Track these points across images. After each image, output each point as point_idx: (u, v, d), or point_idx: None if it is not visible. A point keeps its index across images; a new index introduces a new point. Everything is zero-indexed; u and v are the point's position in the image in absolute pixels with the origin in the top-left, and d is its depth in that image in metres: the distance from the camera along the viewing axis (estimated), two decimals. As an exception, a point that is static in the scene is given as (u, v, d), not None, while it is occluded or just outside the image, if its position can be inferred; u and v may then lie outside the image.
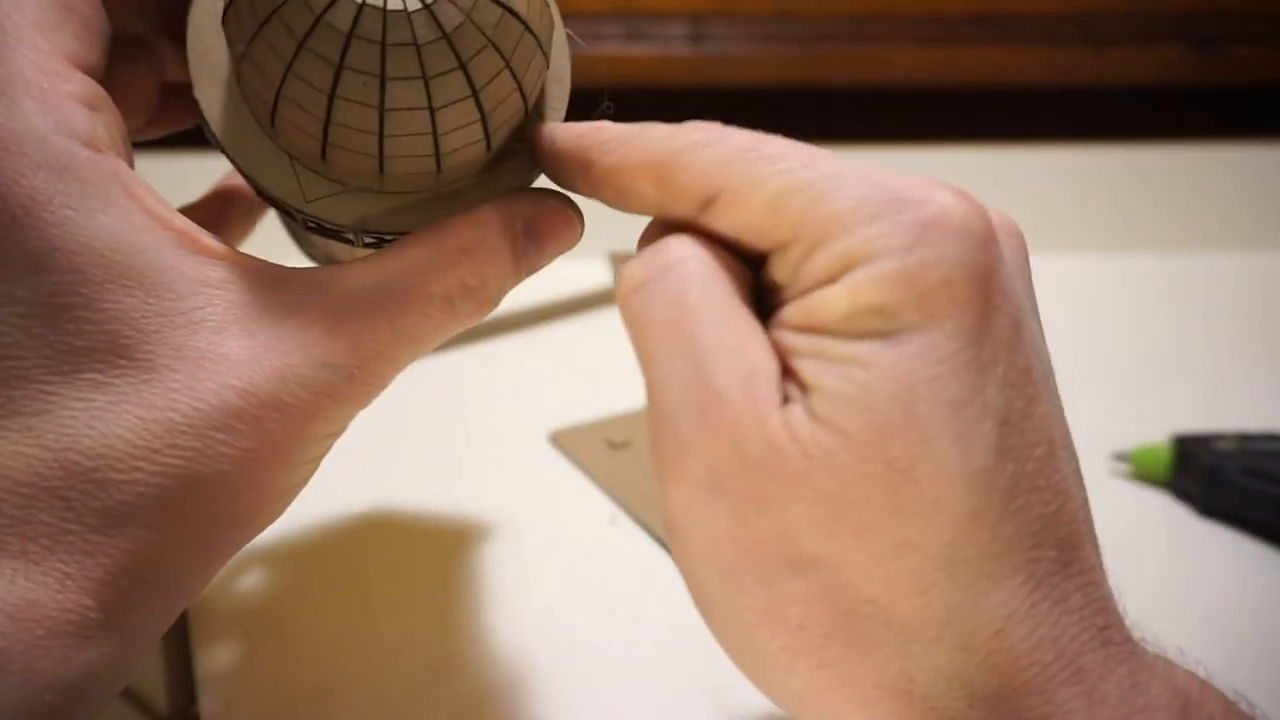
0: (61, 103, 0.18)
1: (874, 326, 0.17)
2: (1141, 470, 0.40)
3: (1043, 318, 0.24)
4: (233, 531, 0.20)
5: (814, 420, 0.17)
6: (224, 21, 0.20)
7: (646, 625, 0.32)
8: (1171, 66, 0.71)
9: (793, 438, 0.17)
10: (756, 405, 0.18)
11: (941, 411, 0.17)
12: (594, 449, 0.40)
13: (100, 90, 0.20)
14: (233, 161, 0.21)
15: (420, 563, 0.35)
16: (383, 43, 0.18)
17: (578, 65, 0.27)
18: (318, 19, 0.18)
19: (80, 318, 0.18)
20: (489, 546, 0.35)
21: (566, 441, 0.41)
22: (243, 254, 0.20)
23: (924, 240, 0.17)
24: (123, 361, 0.18)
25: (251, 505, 0.19)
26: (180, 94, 0.23)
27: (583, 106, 0.25)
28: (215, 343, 0.18)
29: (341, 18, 0.18)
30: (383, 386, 0.20)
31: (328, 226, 0.21)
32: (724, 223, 0.19)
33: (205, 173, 0.28)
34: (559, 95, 0.23)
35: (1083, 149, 0.67)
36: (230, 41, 0.20)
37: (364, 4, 0.18)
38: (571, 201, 0.23)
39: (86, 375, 0.18)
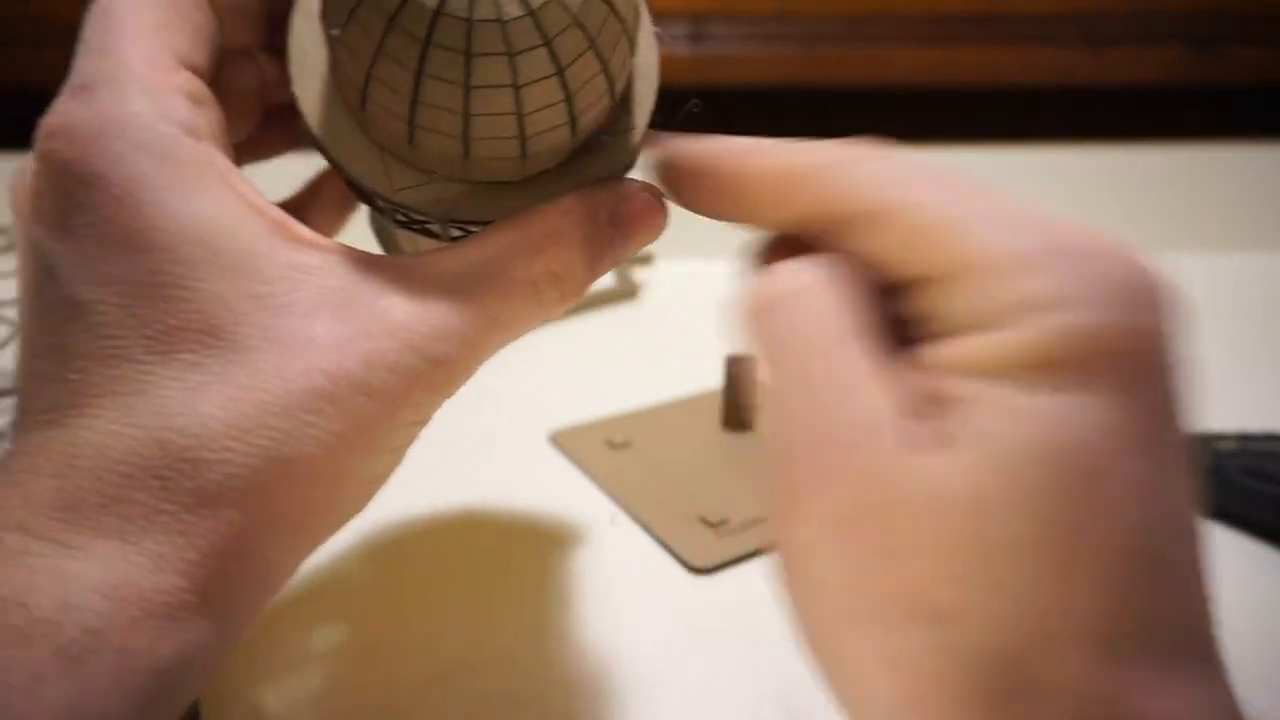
0: (166, 93, 0.19)
1: (1051, 380, 0.16)
2: (1141, 470, 0.40)
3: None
4: (319, 518, 0.19)
5: (968, 471, 0.16)
6: (321, 14, 0.21)
7: (647, 625, 0.32)
8: (1171, 66, 0.71)
9: (939, 486, 0.16)
10: (890, 449, 0.17)
11: (1127, 490, 0.16)
12: (594, 449, 0.40)
13: (204, 87, 0.20)
14: (326, 154, 0.22)
15: (420, 563, 0.35)
16: (469, 18, 0.18)
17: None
18: None
19: (176, 298, 0.18)
20: (489, 547, 0.35)
21: (566, 441, 0.41)
22: (333, 241, 0.20)
23: (1119, 301, 0.17)
24: (216, 342, 0.18)
25: (338, 492, 0.19)
26: (281, 116, 0.23)
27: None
28: (304, 326, 0.18)
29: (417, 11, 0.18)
30: (470, 373, 0.20)
31: (415, 217, 0.21)
32: (869, 245, 0.18)
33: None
34: (646, 92, 0.23)
35: (1083, 149, 0.67)
36: (326, 28, 0.20)
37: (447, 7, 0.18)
38: (657, 190, 0.23)
39: (181, 355, 0.18)
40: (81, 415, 0.18)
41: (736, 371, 0.41)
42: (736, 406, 0.41)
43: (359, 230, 0.28)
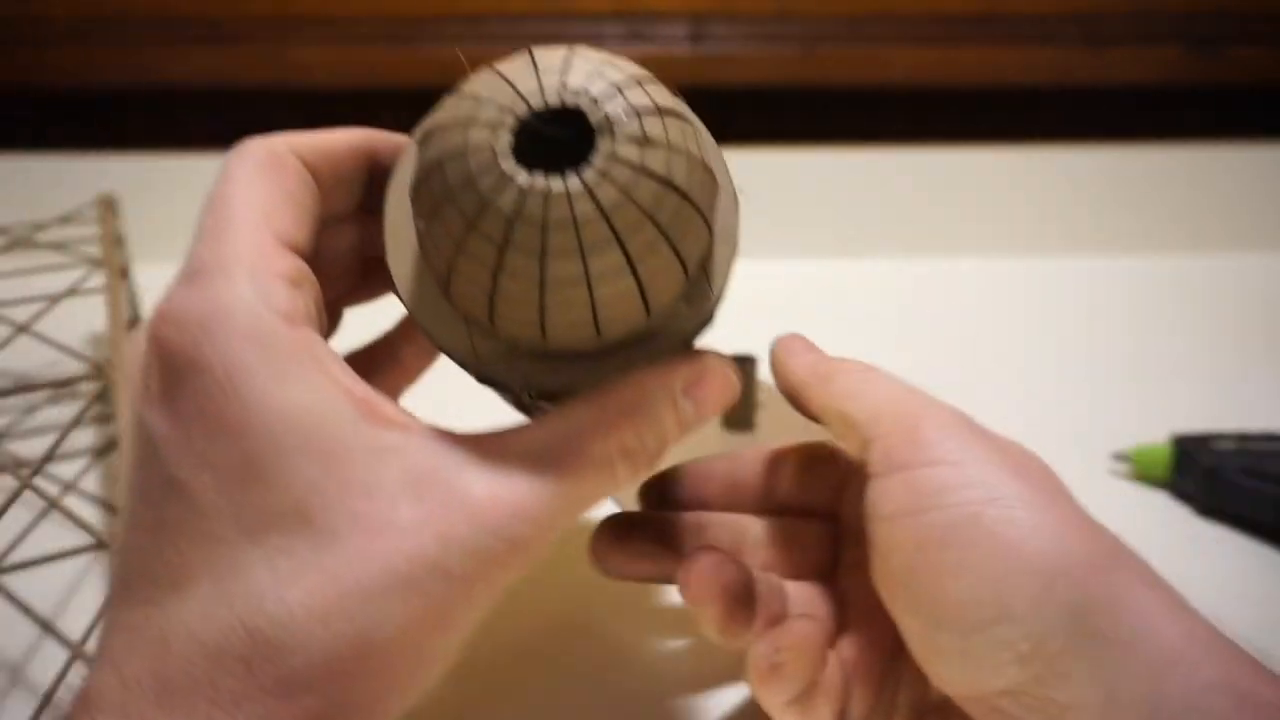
0: (270, 281, 0.20)
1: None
2: (1141, 470, 0.40)
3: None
4: (390, 698, 0.20)
5: None
6: (411, 199, 0.22)
7: (647, 626, 0.32)
8: (1171, 66, 0.71)
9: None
10: None
11: None
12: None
13: (305, 268, 0.22)
14: (418, 323, 0.23)
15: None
16: (544, 222, 0.19)
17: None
18: (485, 203, 0.19)
19: (269, 483, 0.19)
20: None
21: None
22: (415, 419, 0.21)
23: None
24: (304, 527, 0.19)
25: (411, 671, 0.20)
26: (379, 266, 0.25)
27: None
28: (387, 509, 0.19)
29: (507, 201, 0.19)
30: (543, 552, 0.21)
31: (499, 383, 0.22)
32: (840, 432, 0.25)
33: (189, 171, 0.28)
34: (725, 254, 0.23)
35: (1083, 149, 0.67)
36: (415, 217, 0.22)
37: (528, 187, 0.19)
38: (729, 360, 0.24)
39: (272, 539, 0.19)
40: (178, 596, 0.18)
41: (738, 372, 0.41)
42: (737, 407, 0.41)
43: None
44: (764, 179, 0.67)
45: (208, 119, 0.75)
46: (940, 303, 0.55)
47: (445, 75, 0.23)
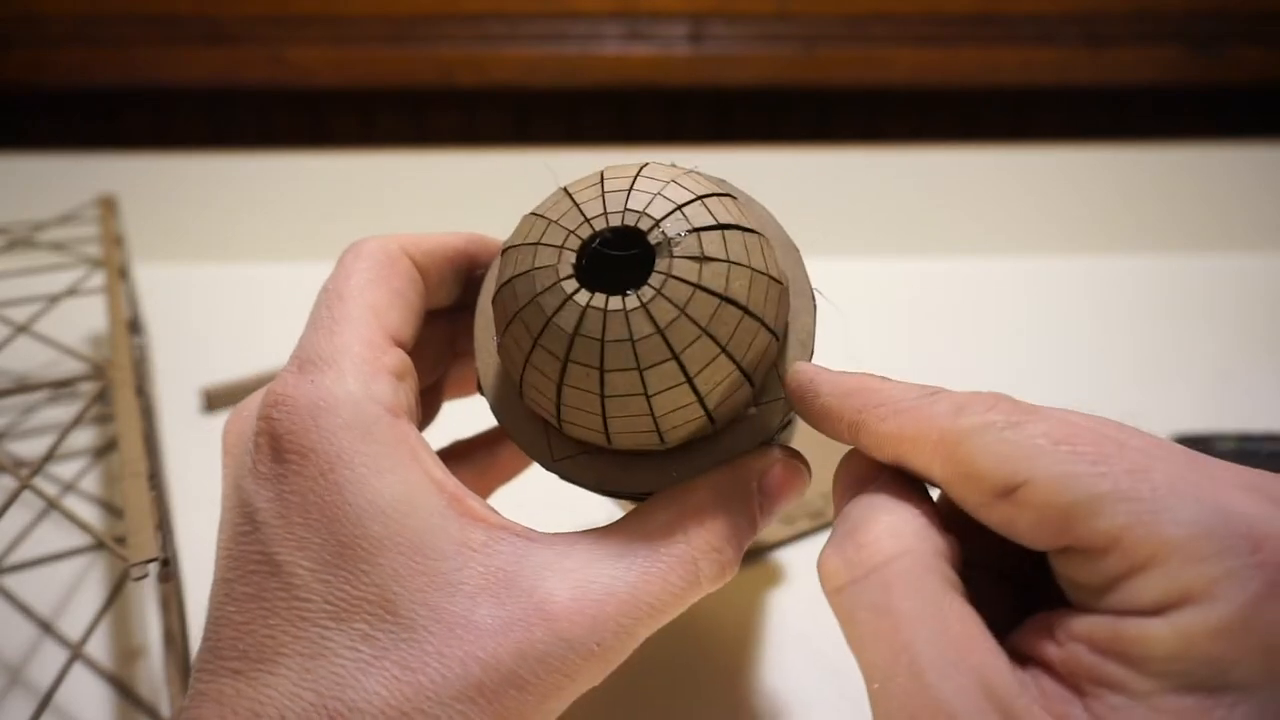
0: (377, 375, 0.22)
1: (1202, 678, 0.15)
2: (1142, 470, 0.40)
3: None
4: None
5: None
6: (492, 310, 0.24)
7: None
8: (1171, 66, 0.71)
9: None
10: None
11: None
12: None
13: (408, 361, 0.23)
14: (500, 422, 0.24)
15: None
16: (601, 339, 0.20)
17: (578, 63, 0.28)
18: (548, 320, 0.21)
19: (360, 570, 0.19)
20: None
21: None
22: (501, 517, 0.21)
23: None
24: (388, 616, 0.19)
25: None
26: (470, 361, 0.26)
27: (582, 105, 0.26)
28: (468, 609, 0.19)
29: (567, 319, 0.21)
30: (618, 662, 0.21)
31: (577, 482, 0.23)
32: (1016, 516, 0.17)
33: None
34: (798, 356, 0.24)
35: (1083, 149, 0.67)
36: (494, 326, 0.23)
37: (587, 306, 0.20)
38: (799, 454, 0.24)
39: (358, 625, 0.19)
40: (268, 671, 0.19)
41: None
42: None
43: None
44: (764, 179, 0.67)
45: (207, 119, 0.75)
46: (940, 302, 0.55)
47: (445, 75, 0.24)
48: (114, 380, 0.33)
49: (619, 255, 0.21)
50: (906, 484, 0.20)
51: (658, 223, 0.21)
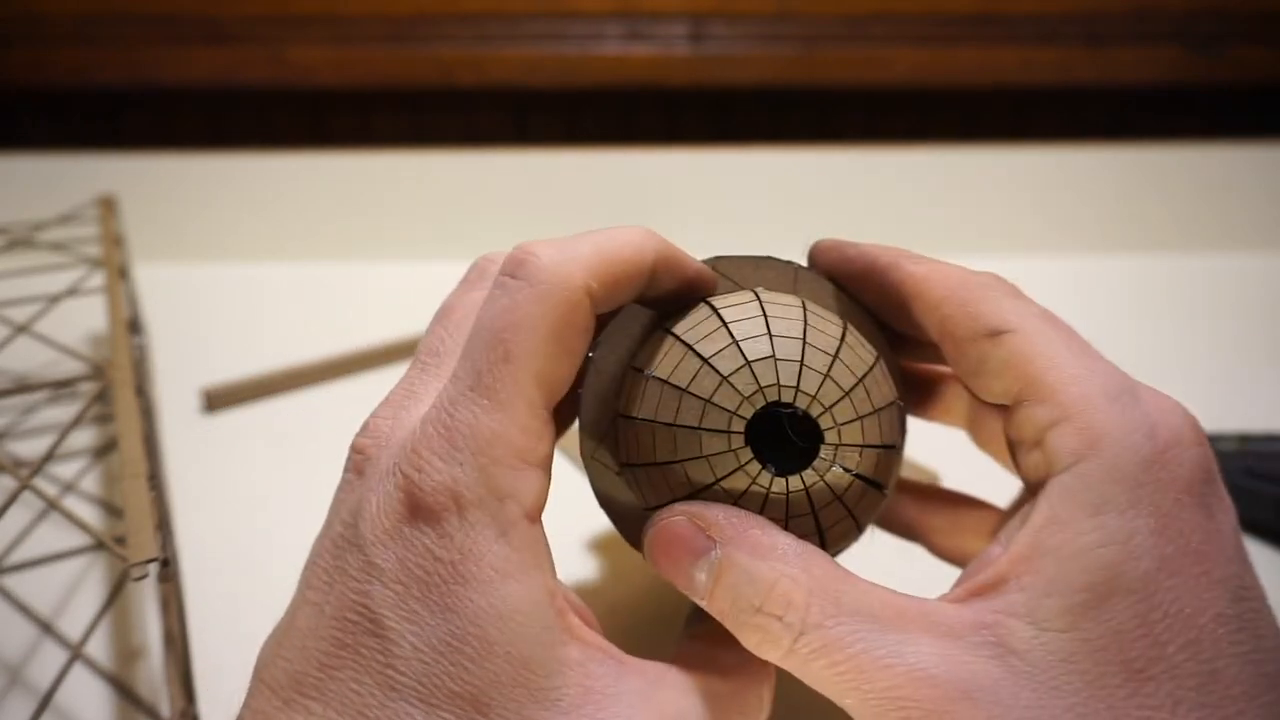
0: (527, 470, 0.20)
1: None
2: (1142, 470, 0.40)
3: (993, 282, 0.25)
4: None
5: (1035, 624, 0.19)
6: (628, 422, 0.23)
7: (647, 626, 0.32)
8: (1171, 66, 0.71)
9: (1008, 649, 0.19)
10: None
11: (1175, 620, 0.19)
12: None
13: (551, 450, 0.21)
14: (597, 497, 0.25)
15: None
16: (763, 501, 0.21)
17: (578, 63, 0.28)
18: (714, 483, 0.21)
19: (463, 666, 0.19)
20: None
21: (567, 441, 0.41)
22: (597, 636, 0.21)
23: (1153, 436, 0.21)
24: (479, 718, 0.19)
25: None
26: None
27: (581, 105, 0.26)
28: None
29: (733, 485, 0.21)
30: None
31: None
32: (991, 354, 0.22)
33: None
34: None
35: (1083, 149, 0.67)
36: (627, 439, 0.24)
37: (753, 482, 0.21)
38: None
39: (444, 715, 0.19)
40: (337, 715, 0.19)
41: None
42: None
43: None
44: (764, 179, 0.67)
45: (208, 119, 0.75)
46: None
47: (445, 75, 0.23)
48: (114, 380, 0.33)
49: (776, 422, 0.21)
50: None
51: (828, 409, 0.21)
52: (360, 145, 0.69)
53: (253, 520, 0.38)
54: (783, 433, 0.21)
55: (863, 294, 0.25)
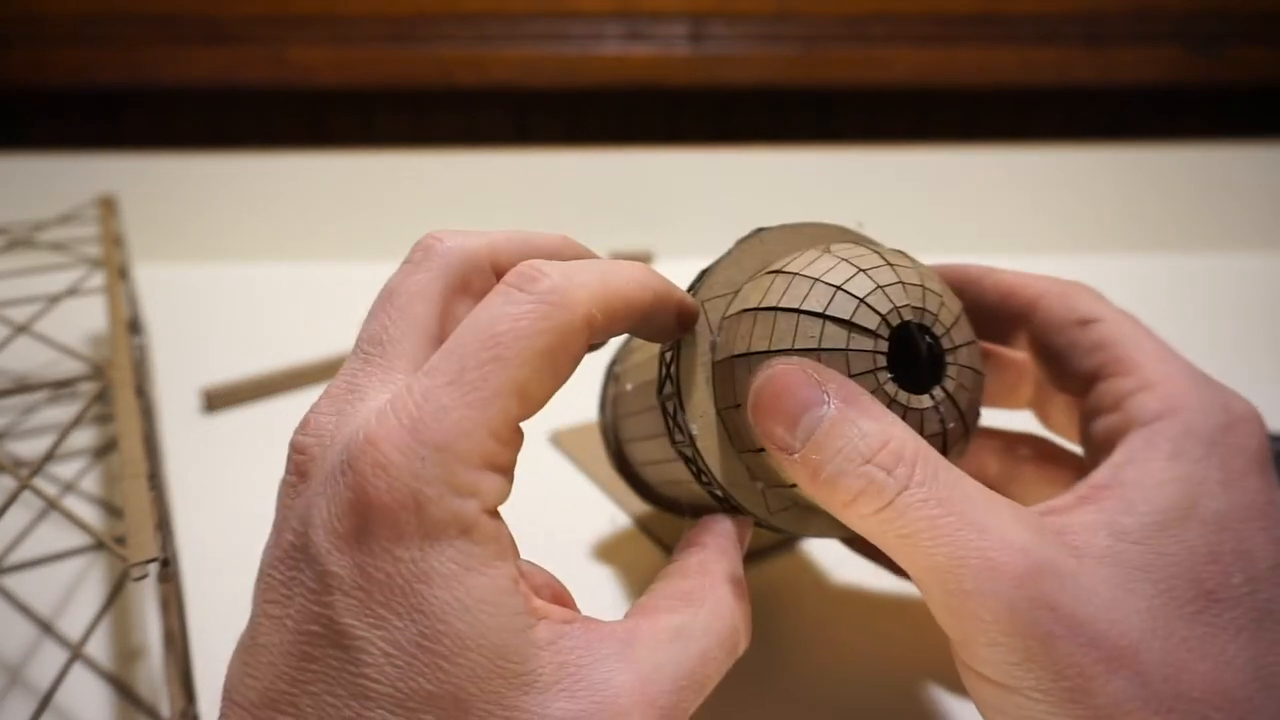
0: (492, 472, 0.20)
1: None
2: (1141, 470, 0.40)
3: (1086, 287, 0.28)
4: None
5: (1112, 536, 0.21)
6: (715, 399, 0.24)
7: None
8: (1171, 66, 0.71)
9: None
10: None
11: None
12: (594, 449, 0.40)
13: (514, 463, 0.21)
14: (718, 480, 0.24)
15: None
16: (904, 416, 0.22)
17: (578, 63, 0.28)
18: None
19: (437, 666, 0.19)
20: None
21: (567, 441, 0.41)
22: (566, 610, 0.21)
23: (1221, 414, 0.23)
24: (460, 715, 0.19)
25: None
26: None
27: (581, 105, 0.26)
28: (541, 704, 0.19)
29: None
30: None
31: (788, 531, 0.25)
32: (1082, 337, 0.25)
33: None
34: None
35: (1083, 149, 0.67)
36: (718, 407, 0.24)
37: (893, 400, 0.22)
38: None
39: (425, 718, 0.19)
40: None
41: None
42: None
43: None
44: (764, 179, 0.67)
45: (208, 119, 0.75)
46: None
47: (445, 75, 0.23)
48: (114, 380, 0.33)
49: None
50: None
51: (948, 331, 0.22)
52: (360, 145, 0.69)
53: (253, 520, 0.38)
54: (904, 353, 0.22)
55: None
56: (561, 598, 0.22)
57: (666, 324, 0.24)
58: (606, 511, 0.37)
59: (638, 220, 0.61)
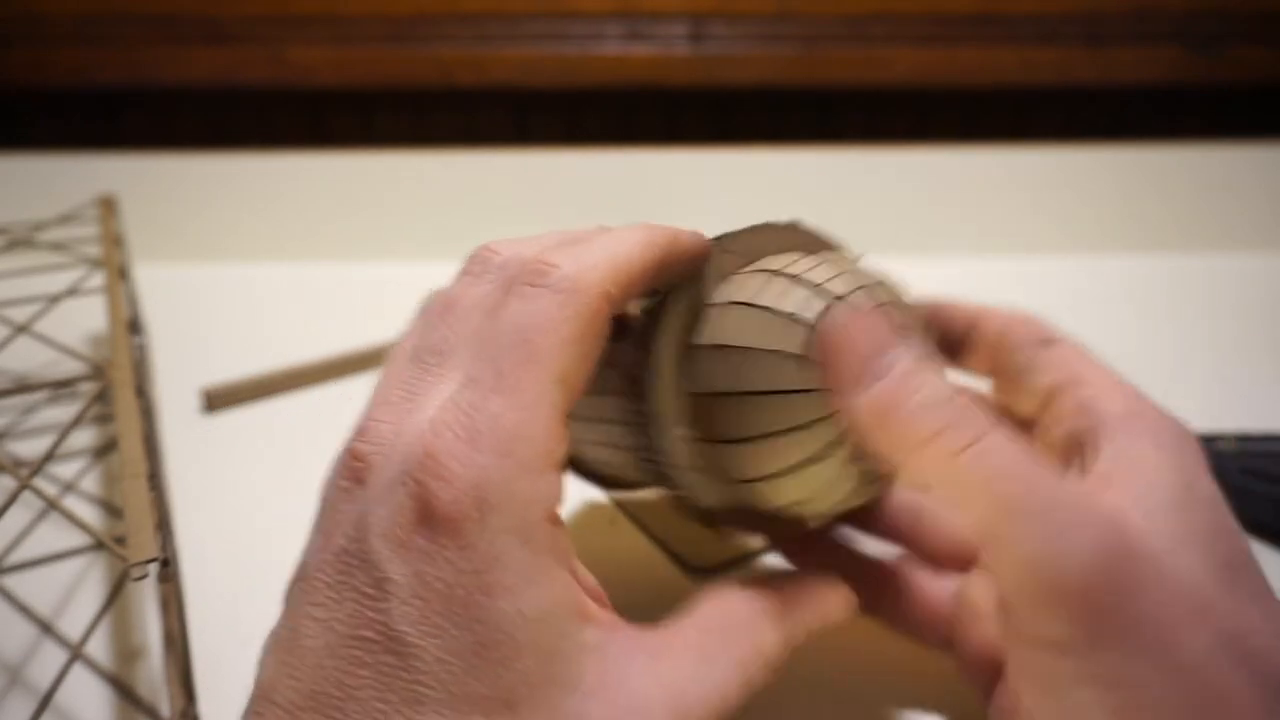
0: (548, 470, 0.20)
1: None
2: (1141, 470, 0.40)
3: (1043, 318, 0.27)
4: None
5: (1143, 514, 0.21)
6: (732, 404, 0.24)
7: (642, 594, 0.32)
8: (1171, 66, 0.71)
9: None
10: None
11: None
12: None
13: (566, 440, 0.21)
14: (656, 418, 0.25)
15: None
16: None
17: (578, 63, 0.28)
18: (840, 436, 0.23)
19: (493, 671, 0.19)
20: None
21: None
22: (608, 614, 0.21)
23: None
24: (507, 713, 0.19)
25: None
26: None
27: (581, 105, 0.26)
28: (583, 708, 0.19)
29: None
30: None
31: (681, 493, 0.26)
32: (1046, 359, 0.27)
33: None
34: None
35: (1083, 149, 0.67)
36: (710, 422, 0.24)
37: None
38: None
39: (474, 718, 0.19)
40: None
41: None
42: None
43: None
44: (764, 179, 0.67)
45: (208, 119, 0.75)
46: (940, 303, 0.55)
47: (445, 75, 0.23)
48: (114, 380, 0.33)
49: None
50: None
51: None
52: (360, 145, 0.69)
53: (253, 520, 0.38)
54: None
55: None
56: (599, 595, 0.22)
57: (680, 270, 0.24)
58: (606, 512, 0.37)
59: (638, 220, 0.61)
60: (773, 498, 0.25)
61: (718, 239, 0.25)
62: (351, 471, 0.21)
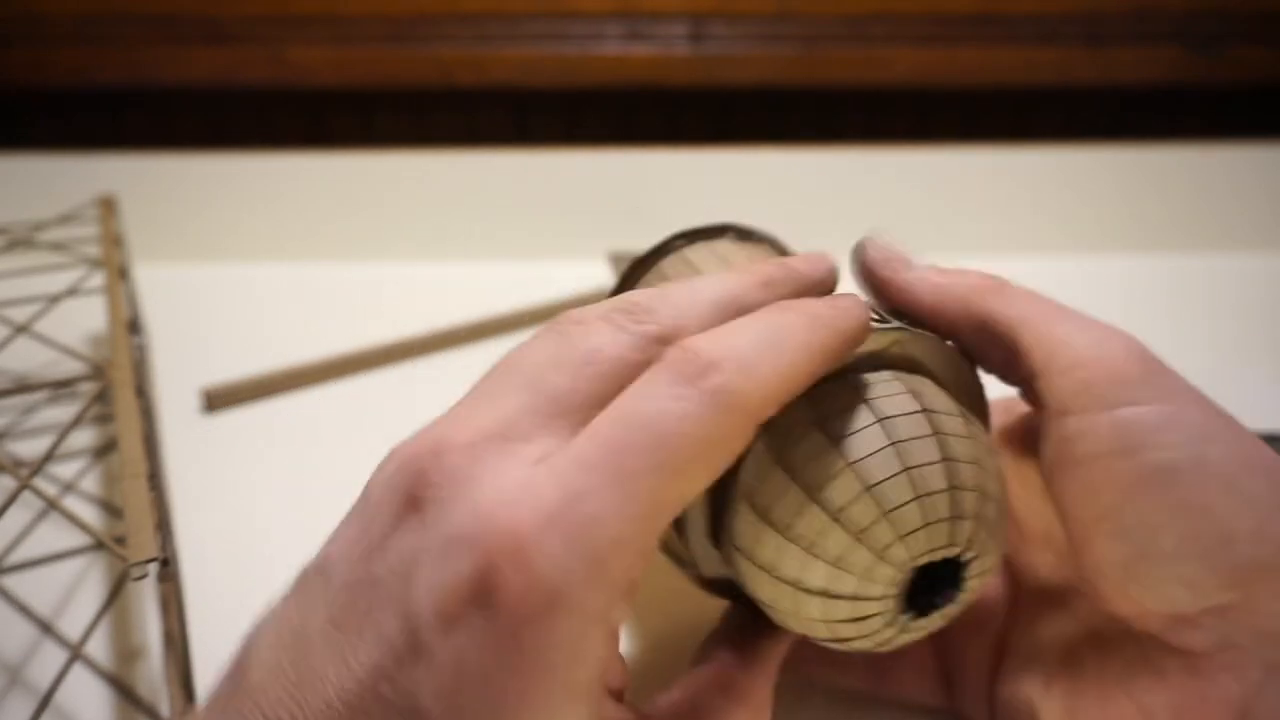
0: (622, 597, 0.18)
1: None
2: (1142, 470, 0.40)
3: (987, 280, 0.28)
4: None
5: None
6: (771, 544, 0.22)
7: (645, 626, 0.32)
8: (1171, 66, 0.71)
9: None
10: None
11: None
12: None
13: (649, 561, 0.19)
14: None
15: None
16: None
17: (578, 63, 0.28)
18: (863, 618, 0.22)
19: None
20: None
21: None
22: (623, 710, 0.20)
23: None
24: None
25: None
26: None
27: (581, 105, 0.26)
28: None
29: (876, 626, 0.22)
30: None
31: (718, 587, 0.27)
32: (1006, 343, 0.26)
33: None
34: None
35: (1083, 149, 0.67)
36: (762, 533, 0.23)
37: (903, 630, 0.22)
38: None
39: None
40: None
41: None
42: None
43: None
44: (764, 179, 0.67)
45: (208, 119, 0.75)
46: (940, 303, 0.54)
47: (445, 75, 0.23)
48: (114, 380, 0.33)
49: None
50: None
51: (976, 553, 0.21)
52: (360, 145, 0.69)
53: (253, 520, 0.38)
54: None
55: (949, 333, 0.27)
56: (621, 678, 0.21)
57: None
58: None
59: (638, 220, 0.61)
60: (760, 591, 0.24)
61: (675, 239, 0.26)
62: (410, 488, 0.19)
